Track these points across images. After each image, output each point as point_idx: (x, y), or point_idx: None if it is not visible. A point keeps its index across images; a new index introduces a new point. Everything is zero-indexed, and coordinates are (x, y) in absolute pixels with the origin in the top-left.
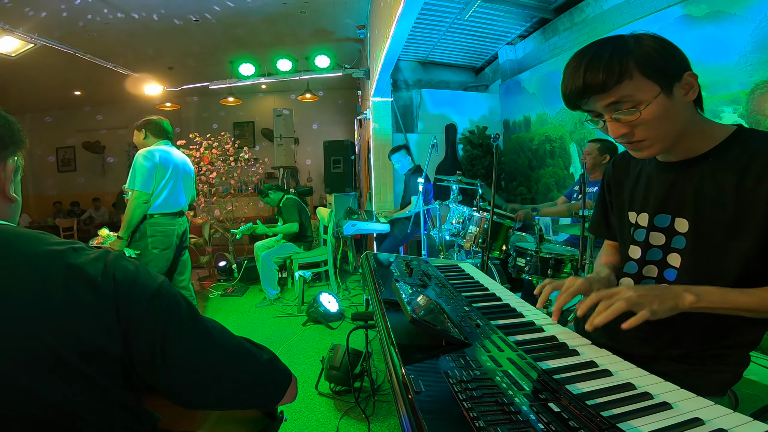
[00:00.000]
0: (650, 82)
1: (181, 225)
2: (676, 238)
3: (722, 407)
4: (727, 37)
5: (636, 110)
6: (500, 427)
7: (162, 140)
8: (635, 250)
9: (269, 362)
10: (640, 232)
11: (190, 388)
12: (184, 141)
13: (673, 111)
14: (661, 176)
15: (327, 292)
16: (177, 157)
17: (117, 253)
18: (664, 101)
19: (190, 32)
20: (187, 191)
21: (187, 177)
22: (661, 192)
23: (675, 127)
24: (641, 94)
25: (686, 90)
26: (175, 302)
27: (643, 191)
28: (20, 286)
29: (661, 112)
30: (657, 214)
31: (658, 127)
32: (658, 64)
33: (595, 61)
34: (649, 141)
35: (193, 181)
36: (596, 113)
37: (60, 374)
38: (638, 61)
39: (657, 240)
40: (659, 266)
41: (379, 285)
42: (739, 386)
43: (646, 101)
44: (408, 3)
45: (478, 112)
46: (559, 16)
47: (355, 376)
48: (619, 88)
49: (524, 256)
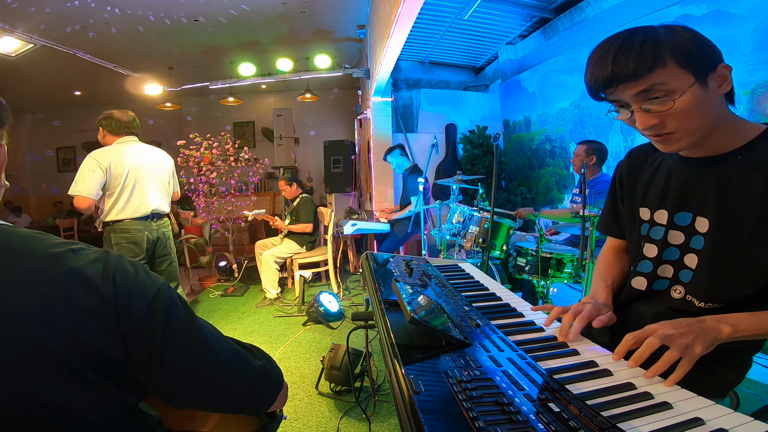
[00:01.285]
0: (685, 71)
1: (155, 230)
2: (695, 237)
3: (722, 407)
4: (727, 37)
5: (670, 99)
6: (500, 427)
7: (123, 136)
8: (651, 249)
9: (263, 368)
10: (657, 229)
11: (185, 392)
12: (184, 141)
13: (707, 103)
14: (684, 172)
15: (327, 292)
16: (137, 156)
17: (117, 255)
18: (698, 91)
19: (190, 32)
20: (160, 190)
21: (154, 176)
22: (683, 188)
23: (707, 120)
24: (675, 82)
25: (720, 82)
26: (173, 306)
27: (662, 187)
28: (19, 289)
29: (695, 103)
30: (678, 212)
31: (691, 119)
32: (693, 53)
33: (626, 48)
34: (679, 134)
35: (167, 178)
36: (622, 103)
37: (60, 376)
38: (672, 49)
39: (676, 239)
40: (675, 267)
41: (379, 285)
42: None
43: (681, 90)
44: (408, 3)
45: (478, 111)
46: (559, 16)
47: (355, 376)
48: (652, 75)
49: (524, 256)
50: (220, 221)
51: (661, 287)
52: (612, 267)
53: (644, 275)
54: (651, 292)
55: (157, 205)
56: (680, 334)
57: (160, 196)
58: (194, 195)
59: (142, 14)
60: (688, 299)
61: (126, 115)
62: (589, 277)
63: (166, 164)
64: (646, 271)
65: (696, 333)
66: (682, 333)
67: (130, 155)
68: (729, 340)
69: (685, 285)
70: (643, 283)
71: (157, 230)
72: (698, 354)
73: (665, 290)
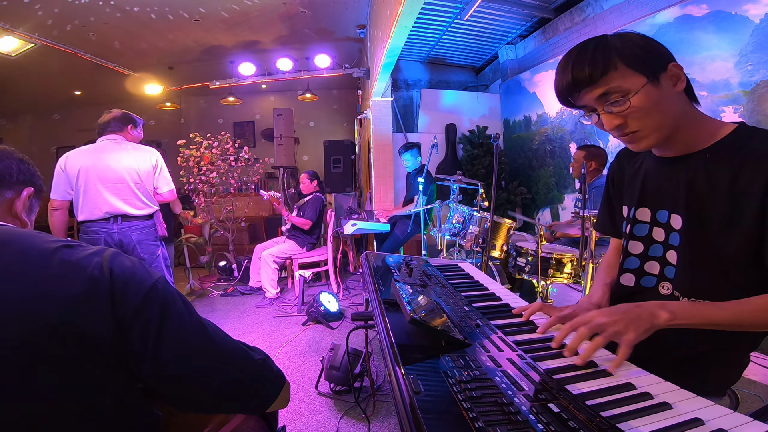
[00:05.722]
0: (635, 72)
1: (116, 233)
2: (672, 234)
3: (722, 407)
4: (727, 37)
5: (626, 100)
6: (500, 427)
7: (102, 136)
8: (636, 246)
9: (263, 361)
10: (641, 227)
11: (183, 385)
12: (184, 141)
13: (663, 100)
14: (658, 171)
15: (327, 292)
16: (90, 156)
17: (114, 250)
18: (652, 90)
19: (190, 32)
20: (118, 191)
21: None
22: (659, 187)
23: (667, 116)
24: (628, 84)
25: (674, 81)
26: (171, 297)
27: (639, 186)
28: (15, 283)
29: (650, 101)
30: (658, 210)
31: (650, 117)
32: (641, 55)
33: (581, 56)
34: (643, 131)
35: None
36: (590, 108)
37: (57, 370)
38: (621, 53)
39: (659, 236)
40: (660, 263)
41: (379, 285)
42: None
43: (634, 90)
44: (408, 3)
45: (478, 111)
46: (559, 16)
47: (355, 376)
48: (606, 79)
49: (524, 256)
50: (220, 221)
51: (649, 284)
52: (612, 267)
53: (631, 271)
54: (640, 289)
55: (112, 206)
56: (613, 322)
57: (116, 198)
58: (194, 195)
59: (143, 13)
60: (675, 295)
61: (105, 116)
62: (589, 277)
63: (125, 163)
64: (633, 268)
65: (629, 320)
66: (615, 321)
67: (84, 155)
68: (668, 326)
69: (671, 281)
70: (631, 279)
71: (120, 233)
72: (632, 339)
73: (653, 287)
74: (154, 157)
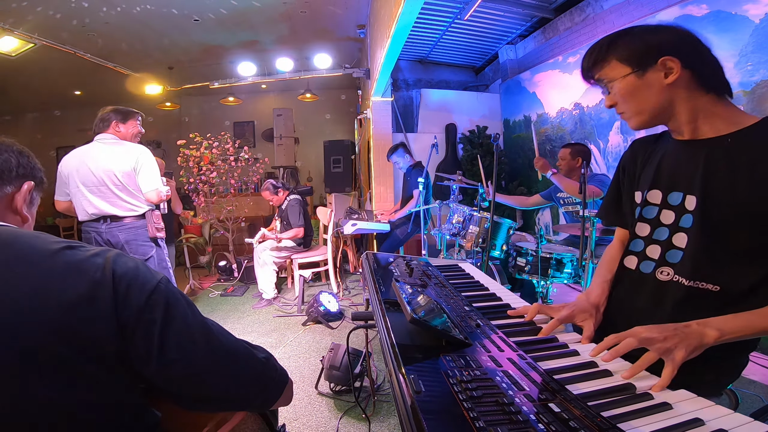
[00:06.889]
0: (623, 65)
1: (104, 233)
2: (685, 216)
3: (722, 407)
4: (727, 37)
5: (611, 86)
6: (500, 427)
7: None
8: (643, 228)
9: (266, 360)
10: (650, 209)
11: (188, 383)
12: (184, 141)
13: (644, 90)
14: (675, 153)
15: (327, 292)
16: (75, 157)
17: (116, 251)
18: (632, 81)
19: (190, 32)
20: (100, 193)
21: (85, 178)
22: (675, 169)
23: (647, 103)
24: (612, 74)
25: (666, 73)
26: (174, 297)
27: (655, 168)
28: (18, 284)
29: (628, 90)
30: (670, 192)
31: (629, 102)
32: (633, 50)
33: (590, 50)
34: (627, 114)
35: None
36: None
37: (58, 370)
38: (616, 50)
39: (667, 218)
40: (663, 247)
41: (379, 285)
42: (739, 386)
43: (615, 79)
44: (408, 3)
45: (478, 111)
46: (559, 16)
47: (355, 376)
48: (598, 70)
49: (524, 256)
50: (220, 221)
51: (646, 269)
52: (614, 261)
53: (635, 254)
54: (638, 275)
55: (97, 208)
56: (663, 338)
57: (100, 199)
58: (194, 195)
59: (143, 13)
60: (676, 280)
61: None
62: (589, 277)
63: (103, 165)
64: (637, 250)
65: (680, 338)
66: (666, 337)
67: (72, 157)
68: (717, 343)
69: (673, 266)
70: (634, 261)
71: (107, 232)
72: (680, 359)
73: (650, 273)
74: (135, 156)
